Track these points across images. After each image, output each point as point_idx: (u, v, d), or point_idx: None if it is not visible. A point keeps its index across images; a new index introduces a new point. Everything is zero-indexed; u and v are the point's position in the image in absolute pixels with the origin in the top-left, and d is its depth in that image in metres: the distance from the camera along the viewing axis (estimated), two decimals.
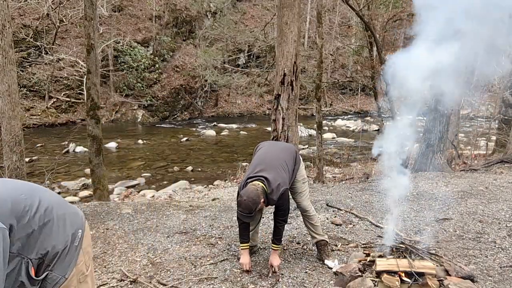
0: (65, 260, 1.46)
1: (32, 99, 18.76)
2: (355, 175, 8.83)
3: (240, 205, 2.76)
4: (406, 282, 2.53)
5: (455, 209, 4.65)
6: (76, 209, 1.65)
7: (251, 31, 24.29)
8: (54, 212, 1.47)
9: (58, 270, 1.44)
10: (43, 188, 1.60)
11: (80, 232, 1.56)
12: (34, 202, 1.42)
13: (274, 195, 2.84)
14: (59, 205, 1.54)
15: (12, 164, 5.10)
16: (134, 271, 3.16)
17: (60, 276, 1.45)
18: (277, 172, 2.93)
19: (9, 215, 1.30)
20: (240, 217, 2.86)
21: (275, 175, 2.89)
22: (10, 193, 1.38)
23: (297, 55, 5.70)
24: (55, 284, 1.44)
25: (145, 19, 23.61)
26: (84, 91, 9.17)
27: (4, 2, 4.98)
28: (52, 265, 1.43)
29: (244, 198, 2.74)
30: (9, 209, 1.31)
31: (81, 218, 1.62)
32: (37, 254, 1.38)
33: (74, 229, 1.53)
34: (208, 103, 24.73)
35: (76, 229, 1.54)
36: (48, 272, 1.42)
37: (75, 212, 1.61)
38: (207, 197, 7.47)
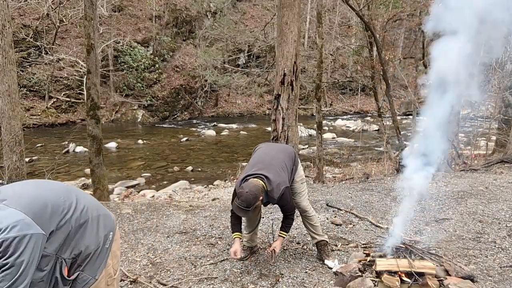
0: (96, 261, 1.48)
1: (32, 99, 18.76)
2: (355, 175, 8.83)
3: (240, 196, 2.68)
4: (406, 282, 2.53)
5: (455, 209, 4.65)
6: (108, 212, 1.65)
7: (251, 31, 24.30)
8: (89, 213, 1.48)
9: (89, 271, 1.46)
10: (77, 189, 1.61)
11: (112, 234, 1.57)
12: (72, 204, 1.43)
13: (275, 194, 2.82)
14: (94, 206, 1.55)
15: (12, 164, 5.10)
16: (134, 271, 3.16)
17: (91, 277, 1.46)
18: (277, 172, 2.92)
19: (49, 220, 1.31)
20: (236, 210, 2.76)
21: (274, 174, 2.88)
22: (49, 196, 1.38)
23: (297, 55, 5.70)
24: (85, 284, 1.45)
25: (145, 19, 23.62)
26: (84, 91, 9.17)
27: (4, 2, 4.98)
28: (84, 265, 1.44)
29: (246, 190, 2.69)
30: (49, 214, 1.32)
31: (113, 220, 1.63)
32: (71, 254, 1.40)
33: (107, 231, 1.55)
34: (208, 103, 24.73)
35: (108, 231, 1.56)
36: (79, 273, 1.43)
37: (107, 214, 1.62)
38: (207, 197, 7.47)
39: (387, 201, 5.15)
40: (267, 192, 2.81)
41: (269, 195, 2.82)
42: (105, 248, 1.52)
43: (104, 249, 1.52)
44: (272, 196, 2.82)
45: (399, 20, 12.75)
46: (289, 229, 3.12)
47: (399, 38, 22.83)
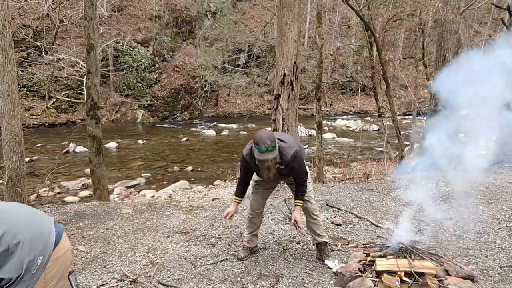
0: (17, 287, 1.43)
1: (32, 99, 18.77)
2: (355, 175, 8.83)
3: (260, 140, 2.64)
4: (406, 282, 2.53)
5: (455, 209, 4.65)
6: (43, 233, 1.54)
7: (251, 31, 24.30)
8: (11, 239, 1.42)
9: None
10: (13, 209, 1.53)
11: (41, 258, 1.48)
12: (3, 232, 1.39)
13: (288, 153, 2.80)
14: (22, 228, 1.47)
15: (12, 164, 5.10)
16: (134, 271, 3.16)
17: None
18: (287, 137, 3.03)
19: None
20: (259, 156, 2.67)
21: (286, 137, 2.99)
22: None
23: (297, 55, 5.70)
24: None
25: (145, 19, 23.62)
26: (84, 91, 9.17)
27: (4, 2, 4.98)
28: None
29: (263, 134, 2.67)
30: None
31: (45, 244, 1.52)
32: None
33: (33, 256, 1.46)
34: (208, 103, 24.73)
35: (35, 256, 1.47)
36: None
37: (38, 236, 1.51)
38: (207, 197, 7.47)
39: (387, 201, 5.15)
40: (280, 150, 2.79)
41: (282, 153, 2.80)
42: (30, 274, 1.45)
43: (29, 276, 1.45)
44: (286, 154, 2.80)
45: (399, 20, 12.74)
46: (304, 197, 3.04)
47: (399, 38, 22.84)
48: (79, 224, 4.28)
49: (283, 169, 2.92)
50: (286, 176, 3.06)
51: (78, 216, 4.55)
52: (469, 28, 20.42)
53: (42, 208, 4.95)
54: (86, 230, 4.08)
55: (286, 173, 2.96)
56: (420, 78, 14.22)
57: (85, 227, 4.19)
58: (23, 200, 5.22)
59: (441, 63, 7.70)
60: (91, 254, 3.48)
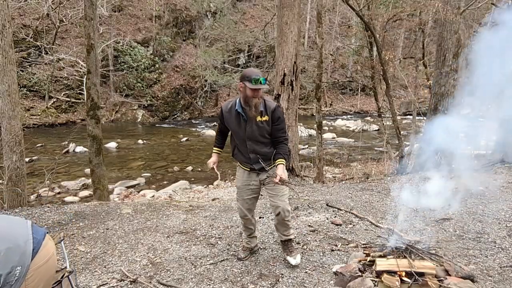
0: None
1: (32, 99, 18.77)
2: (355, 175, 8.84)
3: (251, 72, 2.80)
4: (406, 282, 2.53)
5: (455, 209, 4.65)
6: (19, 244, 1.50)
7: (251, 31, 24.31)
8: None
9: None
10: None
11: (19, 269, 1.46)
12: None
13: (272, 102, 2.94)
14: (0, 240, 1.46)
15: (12, 164, 5.10)
16: (134, 271, 3.16)
17: None
18: None
19: None
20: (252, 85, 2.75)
21: None
22: None
23: (297, 55, 5.70)
24: None
25: (145, 19, 23.62)
26: (84, 91, 9.17)
27: (4, 2, 4.98)
28: None
29: (251, 68, 2.94)
30: None
31: (22, 254, 1.49)
32: None
33: (9, 268, 1.44)
34: (208, 103, 24.73)
35: (12, 267, 1.45)
36: None
37: (13, 247, 1.48)
38: (207, 197, 7.47)
39: (387, 201, 5.15)
40: (264, 99, 2.92)
41: (266, 101, 2.92)
42: (9, 286, 1.44)
43: (7, 287, 1.44)
44: (270, 102, 2.93)
45: (399, 20, 12.75)
46: (287, 156, 3.00)
47: (399, 38, 22.83)
48: (79, 224, 4.28)
49: (266, 122, 2.90)
50: (265, 133, 2.94)
51: (78, 216, 4.55)
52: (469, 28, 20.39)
53: (42, 208, 4.95)
54: (86, 230, 4.07)
55: (268, 127, 2.92)
56: (420, 78, 14.22)
57: (85, 227, 4.19)
58: (23, 200, 5.23)
59: (441, 63, 7.70)
60: (91, 254, 3.48)
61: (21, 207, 5.08)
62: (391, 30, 15.39)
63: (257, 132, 2.93)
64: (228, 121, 3.03)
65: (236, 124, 2.98)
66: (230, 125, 3.05)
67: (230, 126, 3.05)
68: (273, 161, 2.99)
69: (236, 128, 3.00)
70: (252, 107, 2.84)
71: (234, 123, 2.99)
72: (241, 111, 2.92)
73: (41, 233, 1.63)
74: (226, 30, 24.57)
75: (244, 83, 2.79)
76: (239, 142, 3.06)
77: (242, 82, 2.82)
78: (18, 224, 1.59)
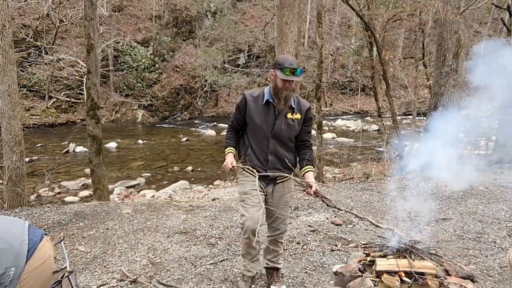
0: None
1: (32, 99, 18.77)
2: (355, 175, 8.83)
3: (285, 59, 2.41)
4: (406, 282, 2.53)
5: (455, 209, 4.66)
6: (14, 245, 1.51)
7: (251, 31, 24.31)
8: None
9: None
10: None
11: (13, 270, 1.47)
12: None
13: (305, 102, 2.59)
14: None
15: (12, 164, 5.10)
16: (134, 271, 3.16)
17: None
18: None
19: None
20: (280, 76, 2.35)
21: None
22: None
23: (297, 55, 5.70)
24: None
25: (145, 19, 23.62)
26: (84, 91, 9.17)
27: (4, 2, 4.98)
28: None
29: (286, 55, 2.71)
30: None
31: (16, 255, 1.49)
32: None
33: (3, 269, 1.45)
34: (208, 103, 24.73)
35: (5, 268, 1.45)
36: None
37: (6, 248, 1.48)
38: (207, 197, 7.48)
39: (387, 201, 5.15)
40: (298, 97, 2.58)
41: (299, 99, 2.57)
42: (2, 286, 1.46)
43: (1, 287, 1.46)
44: (303, 102, 2.57)
45: (399, 20, 12.75)
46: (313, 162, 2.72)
47: (399, 38, 22.83)
48: (79, 224, 4.28)
49: (297, 120, 2.53)
50: (294, 134, 2.56)
51: (78, 216, 4.55)
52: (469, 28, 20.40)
53: (42, 208, 4.95)
54: (86, 230, 4.07)
55: (298, 127, 2.55)
56: (420, 78, 14.23)
57: (85, 227, 4.19)
58: (23, 200, 5.23)
59: (441, 63, 7.70)
60: (91, 254, 3.48)
61: (21, 207, 5.08)
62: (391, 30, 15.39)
63: (286, 131, 2.52)
64: (253, 112, 2.51)
65: (264, 116, 2.50)
66: (254, 117, 2.51)
67: (253, 118, 2.51)
68: (299, 168, 2.62)
69: (261, 121, 2.50)
70: (282, 100, 2.44)
71: (260, 115, 2.50)
72: (273, 101, 2.49)
73: (38, 235, 1.62)
74: (226, 30, 24.57)
75: (275, 71, 2.40)
76: (257, 141, 2.56)
77: (273, 70, 2.43)
78: (14, 225, 1.58)
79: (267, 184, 2.61)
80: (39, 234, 1.64)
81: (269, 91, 2.51)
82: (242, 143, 2.66)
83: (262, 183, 2.58)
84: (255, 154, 2.56)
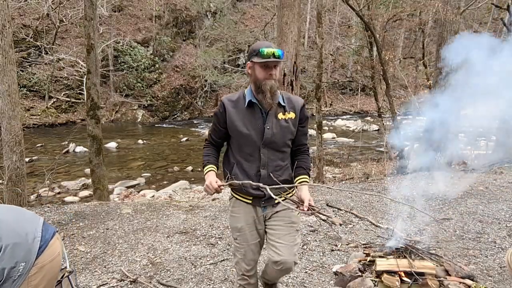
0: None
1: (32, 99, 18.77)
2: (355, 175, 8.83)
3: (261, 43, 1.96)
4: (406, 282, 2.53)
5: (455, 209, 4.66)
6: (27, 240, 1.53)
7: (251, 31, 24.31)
8: None
9: None
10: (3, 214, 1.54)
11: (23, 265, 1.49)
12: None
13: (298, 98, 2.14)
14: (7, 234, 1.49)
15: (12, 164, 5.10)
16: (134, 271, 3.16)
17: None
18: None
19: None
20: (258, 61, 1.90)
21: None
22: None
23: (297, 55, 5.70)
24: None
25: (145, 19, 23.62)
26: (84, 91, 9.18)
27: (4, 2, 4.98)
28: None
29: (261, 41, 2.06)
30: None
31: (27, 251, 1.52)
32: None
33: (13, 263, 1.47)
34: (208, 103, 24.73)
35: (16, 263, 1.48)
36: None
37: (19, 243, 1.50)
38: (207, 197, 7.47)
39: (387, 201, 5.15)
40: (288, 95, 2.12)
41: (291, 97, 2.10)
42: (11, 280, 1.48)
43: (10, 282, 1.48)
44: (295, 98, 2.11)
45: (399, 20, 12.76)
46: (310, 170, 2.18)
47: (399, 38, 22.84)
48: (79, 224, 4.28)
49: (291, 120, 2.04)
50: (289, 138, 2.06)
51: (78, 216, 4.55)
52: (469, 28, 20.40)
53: (42, 208, 4.95)
54: (86, 230, 4.07)
55: (294, 128, 2.06)
56: (420, 78, 14.23)
57: (85, 227, 4.19)
58: (23, 200, 5.23)
59: (441, 63, 7.70)
60: (91, 254, 3.48)
61: (21, 207, 5.08)
62: (391, 30, 15.40)
63: (280, 134, 2.02)
64: (235, 119, 2.01)
65: (248, 121, 2.01)
66: (237, 125, 2.01)
67: (237, 126, 2.01)
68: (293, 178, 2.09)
69: (247, 128, 2.00)
70: (267, 93, 1.92)
71: (245, 121, 2.01)
72: (257, 101, 2.00)
73: (50, 232, 1.65)
74: (226, 30, 24.58)
75: (252, 60, 1.95)
76: (245, 154, 2.06)
77: (250, 61, 1.98)
78: (30, 220, 1.61)
79: (264, 208, 2.11)
80: (51, 231, 1.66)
81: (250, 90, 2.03)
82: (227, 162, 2.16)
83: (258, 209, 2.11)
84: (244, 171, 2.06)
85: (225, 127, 2.07)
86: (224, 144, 2.19)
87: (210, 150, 2.19)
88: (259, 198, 2.08)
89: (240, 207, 2.15)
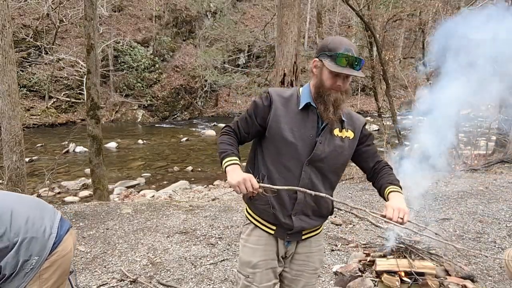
0: (9, 285, 1.48)
1: (32, 99, 18.76)
2: (355, 175, 8.83)
3: (339, 43, 1.52)
4: (406, 282, 2.53)
5: (455, 209, 4.65)
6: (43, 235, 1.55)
7: (251, 31, 24.32)
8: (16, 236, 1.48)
9: None
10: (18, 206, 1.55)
11: (36, 259, 1.52)
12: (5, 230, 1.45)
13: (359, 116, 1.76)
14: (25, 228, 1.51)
15: (12, 164, 5.10)
16: (134, 271, 3.16)
17: None
18: None
19: None
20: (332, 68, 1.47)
21: None
22: None
23: (297, 55, 5.70)
24: None
25: (145, 19, 23.62)
26: (84, 91, 9.18)
27: (4, 2, 4.98)
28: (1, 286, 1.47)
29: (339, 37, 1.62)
30: None
31: (42, 246, 1.54)
32: None
33: (27, 256, 1.50)
34: (208, 103, 24.73)
35: (30, 256, 1.50)
36: None
37: (36, 237, 1.53)
38: (207, 197, 7.47)
39: None
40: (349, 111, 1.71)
41: (351, 113, 1.71)
42: (24, 272, 1.50)
43: (22, 274, 1.49)
44: (356, 116, 1.72)
45: (399, 20, 12.76)
46: None
47: (399, 38, 22.84)
48: (79, 224, 4.28)
49: (350, 141, 1.65)
50: (343, 161, 1.68)
51: (78, 216, 4.55)
52: None
53: None
54: (86, 230, 4.08)
55: (350, 150, 1.67)
56: (420, 78, 14.23)
57: (85, 227, 4.19)
58: None
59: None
60: (91, 254, 3.48)
61: None
62: (391, 30, 15.41)
63: (332, 155, 1.60)
64: (281, 120, 1.58)
65: (297, 128, 1.58)
66: (282, 127, 1.58)
67: (282, 130, 1.58)
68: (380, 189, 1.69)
69: (293, 135, 1.57)
70: (329, 105, 1.54)
71: (293, 125, 1.58)
72: (315, 106, 1.59)
73: (65, 228, 1.67)
74: (226, 30, 24.58)
75: (322, 60, 1.54)
76: (282, 167, 1.61)
77: (319, 58, 1.56)
78: (49, 216, 1.63)
79: (288, 243, 1.69)
80: (66, 226, 1.68)
81: (308, 91, 1.63)
82: (255, 170, 1.67)
83: (280, 242, 1.68)
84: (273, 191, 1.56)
85: (263, 124, 1.61)
86: (245, 143, 1.70)
87: (232, 139, 1.64)
88: (284, 229, 1.63)
89: (260, 238, 1.68)
